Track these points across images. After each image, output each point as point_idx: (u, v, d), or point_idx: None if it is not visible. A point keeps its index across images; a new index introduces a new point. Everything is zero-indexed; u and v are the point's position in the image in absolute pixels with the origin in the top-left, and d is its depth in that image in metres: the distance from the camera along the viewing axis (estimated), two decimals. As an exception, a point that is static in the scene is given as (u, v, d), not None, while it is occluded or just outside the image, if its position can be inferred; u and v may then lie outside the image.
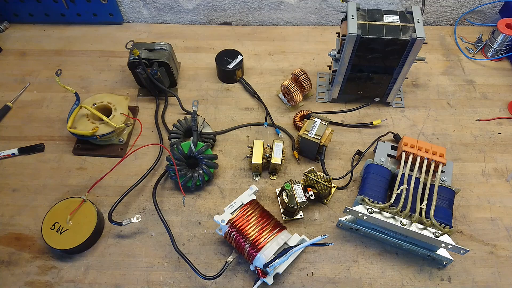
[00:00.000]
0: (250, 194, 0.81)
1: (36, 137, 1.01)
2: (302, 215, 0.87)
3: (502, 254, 0.83)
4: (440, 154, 0.84)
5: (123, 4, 1.22)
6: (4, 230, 0.86)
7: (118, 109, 0.97)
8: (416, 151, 0.84)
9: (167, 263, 0.82)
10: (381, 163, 0.85)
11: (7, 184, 0.93)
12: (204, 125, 0.98)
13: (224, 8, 1.23)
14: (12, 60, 1.17)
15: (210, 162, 0.90)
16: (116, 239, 0.85)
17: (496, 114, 1.04)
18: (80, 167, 0.95)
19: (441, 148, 0.85)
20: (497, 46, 1.13)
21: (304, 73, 1.01)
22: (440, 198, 0.80)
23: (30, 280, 0.80)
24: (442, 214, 0.78)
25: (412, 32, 0.85)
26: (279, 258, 0.71)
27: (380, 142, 0.92)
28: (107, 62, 1.16)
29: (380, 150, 0.90)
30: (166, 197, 0.91)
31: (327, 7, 1.23)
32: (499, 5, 1.22)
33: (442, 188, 0.81)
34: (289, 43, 1.21)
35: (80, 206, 0.84)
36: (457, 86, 1.10)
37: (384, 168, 0.84)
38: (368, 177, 0.84)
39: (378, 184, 0.82)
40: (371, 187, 0.81)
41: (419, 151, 0.84)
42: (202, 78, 1.12)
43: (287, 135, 1.01)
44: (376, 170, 0.84)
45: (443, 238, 0.74)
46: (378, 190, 0.81)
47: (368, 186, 0.82)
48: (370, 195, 0.80)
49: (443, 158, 0.83)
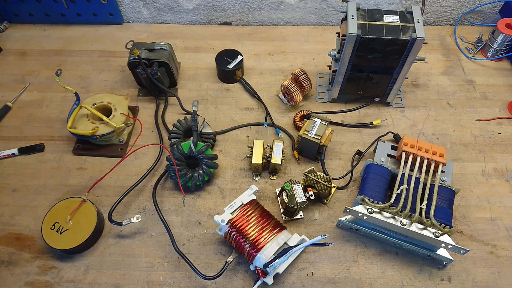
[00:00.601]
0: (250, 194, 0.81)
1: (36, 137, 1.01)
2: (302, 215, 0.87)
3: (502, 254, 0.83)
4: (440, 154, 0.84)
5: (123, 4, 1.22)
6: (4, 230, 0.86)
7: (118, 109, 0.97)
8: (416, 151, 0.84)
9: (167, 263, 0.82)
10: (381, 163, 0.85)
11: (7, 184, 0.93)
12: (204, 125, 0.98)
13: (224, 8, 1.23)
14: (12, 60, 1.17)
15: (210, 162, 0.90)
16: (116, 239, 0.85)
17: (496, 114, 1.04)
18: (80, 167, 0.95)
19: (441, 148, 0.85)
20: (497, 46, 1.13)
21: (304, 73, 1.01)
22: (440, 198, 0.80)
23: (30, 280, 0.80)
24: (442, 214, 0.77)
25: (412, 32, 0.85)
26: (279, 258, 0.71)
27: (380, 142, 0.91)
28: (107, 62, 1.16)
29: (380, 150, 0.89)
30: (166, 197, 0.91)
31: (327, 7, 1.23)
32: (499, 5, 1.22)
33: (442, 188, 0.81)
34: (289, 43, 1.21)
35: (80, 206, 0.84)
36: (457, 86, 1.10)
37: (384, 168, 0.84)
38: (368, 177, 0.83)
39: (378, 184, 0.82)
40: (371, 187, 0.81)
41: (419, 151, 0.84)
42: (202, 78, 1.12)
43: (287, 135, 1.01)
44: (376, 170, 0.83)
45: (443, 238, 0.73)
46: (378, 190, 0.81)
47: (368, 186, 0.81)
48: (370, 195, 0.79)
49: (443, 158, 0.83)
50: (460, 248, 0.72)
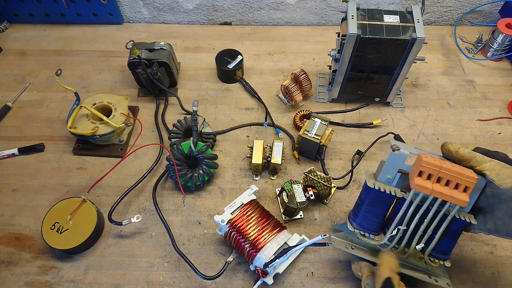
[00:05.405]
0: (250, 194, 0.81)
1: (36, 137, 1.01)
2: (302, 215, 0.87)
3: (502, 254, 0.83)
4: (467, 185, 0.60)
5: (123, 4, 1.22)
6: (4, 230, 0.86)
7: (118, 109, 0.97)
8: (433, 186, 0.60)
9: (167, 263, 0.82)
10: (385, 185, 0.65)
11: (7, 184, 0.93)
12: (204, 125, 0.98)
13: (224, 8, 1.23)
14: (12, 60, 1.17)
15: (210, 162, 0.90)
16: (116, 239, 0.85)
17: (496, 114, 1.04)
18: (80, 167, 0.95)
19: (470, 175, 0.60)
20: (497, 46, 1.13)
21: (304, 73, 1.01)
22: (448, 230, 0.65)
23: (30, 280, 0.80)
24: (443, 248, 0.67)
25: (412, 32, 0.85)
26: (279, 258, 0.71)
27: (393, 153, 0.63)
28: (107, 62, 1.16)
29: (391, 163, 0.64)
30: (166, 197, 0.91)
31: (327, 7, 1.23)
32: (499, 5, 1.22)
33: (455, 219, 0.64)
34: (289, 43, 1.21)
35: (80, 206, 0.84)
36: (457, 86, 1.10)
37: (387, 195, 0.65)
38: (364, 202, 0.67)
39: (375, 213, 0.68)
40: (365, 216, 0.68)
41: (438, 187, 0.60)
42: (202, 78, 1.12)
43: (287, 135, 1.01)
44: (376, 197, 0.66)
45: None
46: (373, 221, 0.68)
47: (363, 214, 0.68)
48: (362, 225, 0.69)
49: (465, 196, 0.60)
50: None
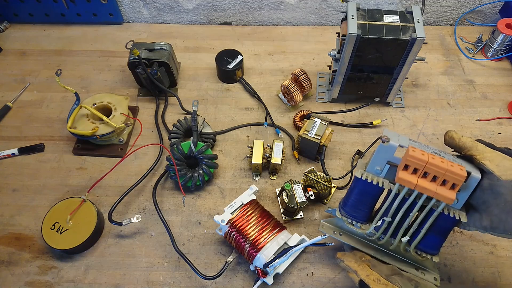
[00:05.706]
0: (250, 194, 0.81)
1: (36, 137, 1.01)
2: (302, 215, 0.87)
3: (502, 254, 0.83)
4: (456, 182, 0.58)
5: (123, 4, 1.22)
6: (4, 230, 0.86)
7: (118, 109, 0.97)
8: (418, 181, 0.59)
9: (167, 263, 0.82)
10: (373, 176, 0.65)
11: (7, 184, 0.93)
12: (204, 125, 0.98)
13: (224, 8, 1.23)
14: (12, 60, 1.17)
15: (210, 162, 0.90)
16: (116, 239, 0.85)
17: (496, 114, 1.04)
18: (80, 167, 0.95)
19: (460, 170, 0.58)
20: (497, 46, 1.13)
21: (304, 73, 1.01)
22: (436, 225, 0.64)
23: (30, 280, 0.80)
24: (430, 242, 0.65)
25: (412, 32, 0.85)
26: (279, 258, 0.71)
27: (382, 144, 0.62)
28: (107, 62, 1.16)
29: (380, 154, 0.63)
30: (166, 197, 0.91)
31: (327, 7, 1.23)
32: (499, 5, 1.22)
33: (443, 216, 0.62)
34: (289, 43, 1.21)
35: (80, 206, 0.84)
36: (457, 86, 1.10)
37: (374, 186, 0.65)
38: (353, 192, 0.67)
39: (363, 202, 0.68)
40: (354, 205, 0.68)
41: (424, 182, 0.59)
42: (202, 78, 1.12)
43: (287, 135, 1.01)
44: (364, 187, 0.66)
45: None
46: (362, 210, 0.68)
47: (351, 203, 0.68)
48: (350, 213, 0.69)
49: (452, 193, 0.59)
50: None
